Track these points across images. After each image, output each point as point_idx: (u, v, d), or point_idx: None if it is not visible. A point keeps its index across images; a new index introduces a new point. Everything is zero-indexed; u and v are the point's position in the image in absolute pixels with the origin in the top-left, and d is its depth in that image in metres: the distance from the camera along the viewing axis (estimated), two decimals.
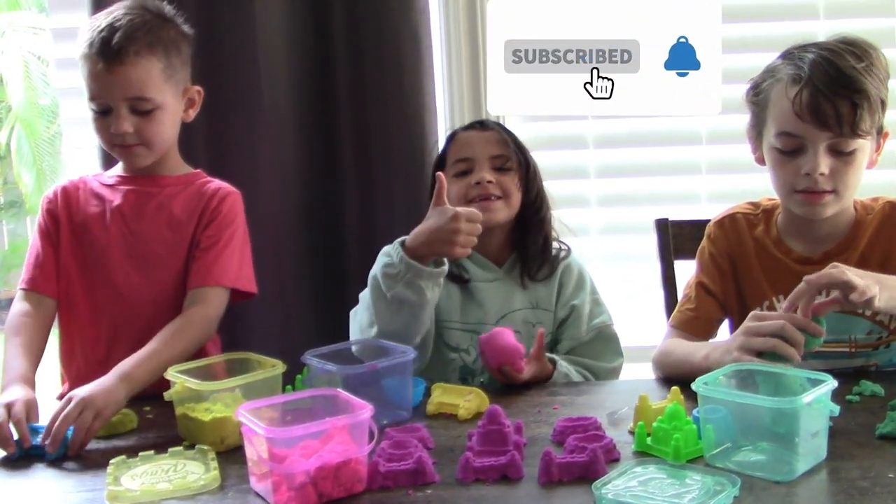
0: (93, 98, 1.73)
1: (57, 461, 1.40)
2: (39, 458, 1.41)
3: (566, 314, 1.88)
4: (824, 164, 1.55)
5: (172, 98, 1.78)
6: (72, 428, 1.41)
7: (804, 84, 1.54)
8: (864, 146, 1.58)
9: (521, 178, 1.90)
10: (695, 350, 1.59)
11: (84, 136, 2.13)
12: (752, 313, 1.48)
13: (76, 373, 1.79)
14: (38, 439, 1.42)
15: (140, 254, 1.77)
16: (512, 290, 1.90)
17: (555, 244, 1.95)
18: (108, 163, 1.96)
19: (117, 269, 1.77)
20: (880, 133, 1.62)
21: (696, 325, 1.73)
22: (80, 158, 2.17)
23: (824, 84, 1.53)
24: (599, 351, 1.85)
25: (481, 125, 1.97)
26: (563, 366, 1.75)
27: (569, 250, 1.96)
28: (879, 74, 1.57)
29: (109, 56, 1.69)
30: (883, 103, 1.57)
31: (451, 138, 1.97)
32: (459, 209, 1.67)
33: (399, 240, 1.72)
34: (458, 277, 1.91)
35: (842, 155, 1.56)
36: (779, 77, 1.61)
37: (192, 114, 1.86)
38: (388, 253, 1.71)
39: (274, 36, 2.14)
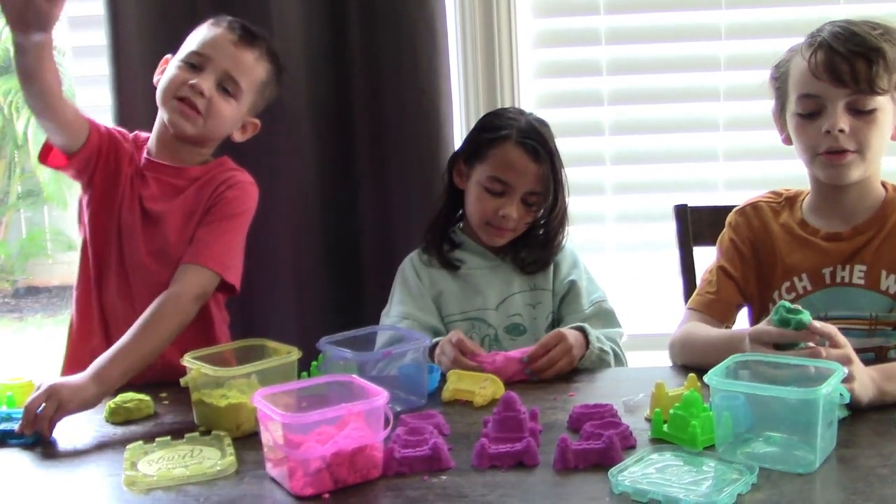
0: (198, 52, 1.76)
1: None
2: (43, 443, 1.43)
3: (566, 290, 1.89)
4: (843, 121, 1.56)
5: (242, 107, 1.81)
6: None
7: (819, 45, 1.58)
8: (884, 106, 1.58)
9: (546, 211, 1.89)
10: (718, 336, 1.60)
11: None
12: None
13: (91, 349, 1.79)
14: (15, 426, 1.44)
15: (154, 237, 1.78)
16: (510, 275, 1.90)
17: None
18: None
19: (132, 249, 1.77)
20: None
21: (716, 308, 1.72)
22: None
23: (839, 43, 1.56)
24: (601, 324, 1.84)
25: (535, 152, 1.82)
26: (592, 331, 1.73)
27: (561, 241, 1.95)
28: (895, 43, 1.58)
29: (246, 36, 1.79)
30: None
31: (500, 143, 1.84)
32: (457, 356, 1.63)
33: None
34: (452, 265, 1.91)
35: (861, 114, 1.57)
36: (796, 50, 1.65)
37: (240, 137, 1.87)
38: None
39: (290, 29, 2.14)
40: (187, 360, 1.48)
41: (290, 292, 2.00)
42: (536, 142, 1.83)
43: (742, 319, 1.79)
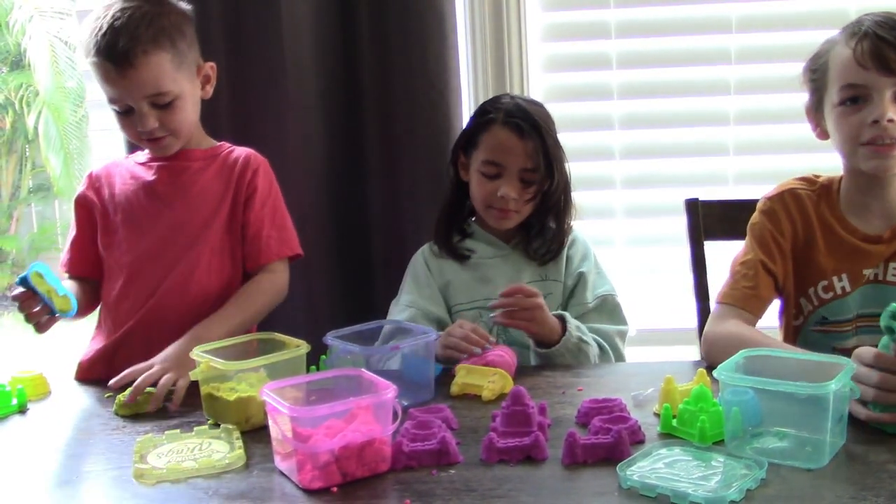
0: (112, 101, 1.76)
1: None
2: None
3: (574, 282, 1.89)
4: (892, 110, 1.52)
5: (188, 83, 1.79)
6: None
7: (863, 35, 1.55)
8: None
9: (545, 186, 1.88)
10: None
11: (110, 118, 2.15)
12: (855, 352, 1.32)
13: (105, 339, 1.84)
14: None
15: (177, 226, 1.81)
16: (520, 264, 1.91)
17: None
18: (134, 144, 1.97)
19: (156, 243, 1.80)
20: None
21: (754, 303, 1.66)
22: (106, 140, 2.18)
23: (886, 31, 1.53)
24: (605, 318, 1.85)
25: (520, 129, 1.84)
26: (572, 320, 1.75)
27: (570, 227, 1.96)
28: None
29: (119, 60, 1.69)
30: None
31: (487, 126, 1.88)
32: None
33: None
34: (461, 255, 1.93)
35: None
36: (836, 41, 1.61)
37: (210, 90, 1.87)
38: None
39: (299, 22, 2.14)
40: (196, 354, 1.48)
41: (299, 285, 2.00)
42: (521, 119, 1.85)
43: (770, 315, 1.74)
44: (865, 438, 1.24)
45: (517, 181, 1.86)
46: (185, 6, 1.84)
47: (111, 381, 1.59)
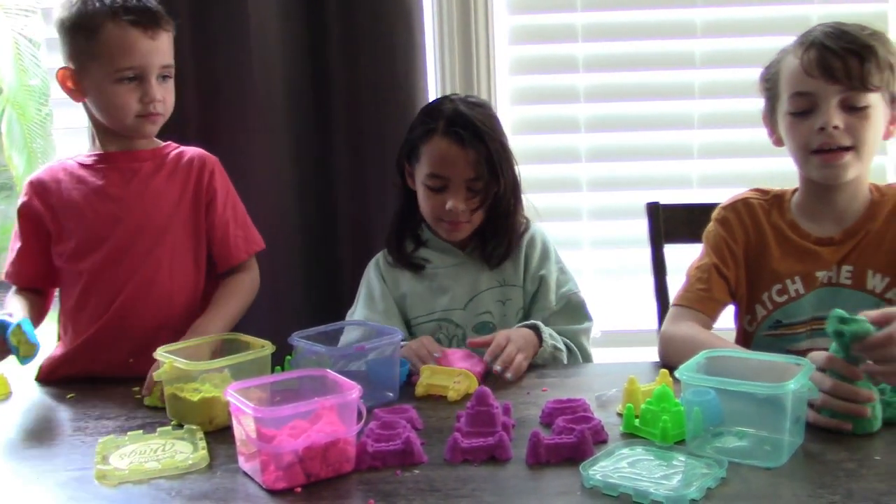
0: (129, 66, 1.73)
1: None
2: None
3: (535, 286, 1.87)
4: (838, 118, 1.57)
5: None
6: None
7: (811, 44, 1.59)
8: (876, 104, 1.59)
9: (493, 193, 1.83)
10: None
11: (74, 116, 2.13)
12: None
13: (69, 345, 1.81)
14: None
15: (134, 229, 1.78)
16: (478, 272, 1.88)
17: None
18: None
19: (115, 248, 1.77)
20: (894, 102, 1.63)
21: (708, 304, 1.70)
22: (70, 139, 2.15)
23: (832, 41, 1.58)
24: (569, 318, 1.84)
25: (460, 139, 1.78)
26: (545, 329, 1.75)
27: (528, 222, 1.93)
28: (886, 44, 1.60)
29: (151, 24, 1.74)
30: (892, 68, 1.59)
31: (428, 137, 1.82)
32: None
33: None
34: (416, 266, 1.90)
35: (855, 110, 1.58)
36: (787, 51, 1.66)
37: None
38: None
39: (266, 23, 2.13)
40: (160, 354, 1.47)
41: (264, 287, 2.00)
42: (462, 128, 1.78)
43: (725, 318, 1.77)
44: (822, 438, 1.26)
45: (463, 192, 1.81)
46: None
47: (143, 390, 1.58)
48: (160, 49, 1.76)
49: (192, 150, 1.89)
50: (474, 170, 1.79)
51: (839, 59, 1.56)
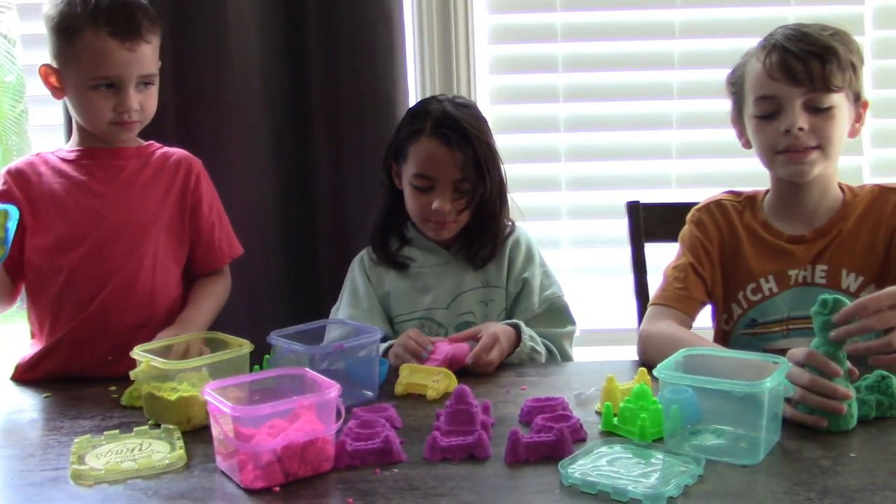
0: (104, 75, 1.71)
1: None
2: None
3: (518, 289, 1.88)
4: (802, 119, 1.59)
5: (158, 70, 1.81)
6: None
7: (773, 47, 1.62)
8: (840, 104, 1.61)
9: (480, 194, 1.84)
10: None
11: (50, 114, 2.11)
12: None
13: (46, 341, 1.79)
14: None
15: (118, 227, 1.77)
16: (461, 273, 1.89)
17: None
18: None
19: (97, 245, 1.75)
20: (858, 101, 1.66)
21: (686, 303, 1.71)
22: (46, 136, 2.13)
23: (792, 44, 1.60)
24: (552, 321, 1.85)
25: (448, 140, 1.79)
26: (526, 329, 1.75)
27: (513, 225, 1.94)
28: (848, 44, 1.62)
29: (129, 34, 1.70)
30: (854, 67, 1.61)
31: (416, 137, 1.83)
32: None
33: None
34: (400, 265, 1.90)
35: (819, 111, 1.60)
36: (751, 54, 1.68)
37: None
38: None
39: (244, 22, 2.11)
40: (137, 353, 1.46)
41: (242, 284, 1.99)
42: (449, 129, 1.80)
43: (703, 318, 1.79)
44: (799, 435, 1.27)
45: (450, 192, 1.81)
46: None
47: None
48: (139, 59, 1.72)
49: (178, 152, 1.88)
50: (461, 171, 1.80)
51: (801, 61, 1.58)
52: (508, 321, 1.77)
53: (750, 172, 1.83)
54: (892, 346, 1.27)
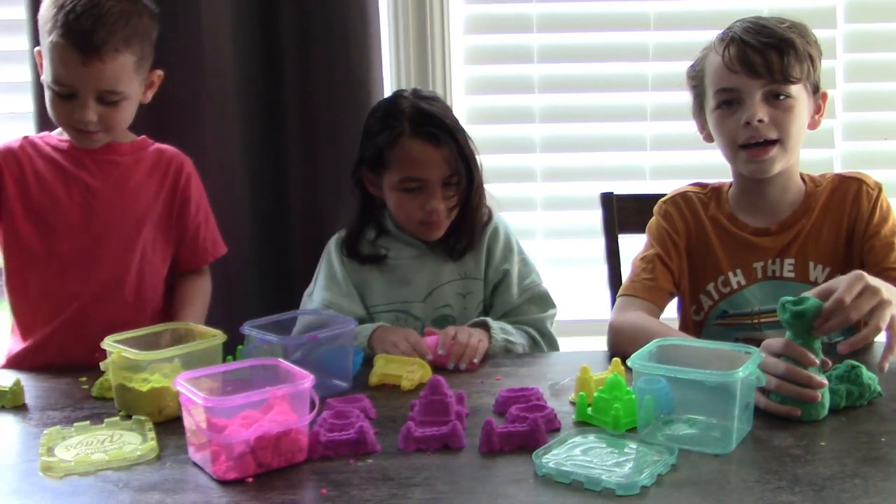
0: (59, 83, 1.67)
1: None
2: None
3: (498, 279, 1.86)
4: (762, 111, 1.60)
5: (138, 86, 1.75)
6: None
7: (731, 40, 1.63)
8: (799, 95, 1.63)
9: (465, 188, 1.82)
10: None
11: (18, 102, 2.08)
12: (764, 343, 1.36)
13: (30, 334, 1.77)
14: None
15: (111, 223, 1.76)
16: (439, 265, 1.86)
17: None
18: (44, 129, 1.91)
19: (89, 238, 1.74)
20: (817, 92, 1.68)
21: (655, 293, 1.72)
22: (13, 125, 2.10)
23: (750, 36, 1.61)
24: (533, 309, 1.85)
25: (434, 138, 1.76)
26: (495, 323, 1.74)
27: (490, 214, 1.91)
28: (805, 35, 1.64)
29: (88, 51, 1.63)
30: (812, 59, 1.63)
31: (395, 141, 1.77)
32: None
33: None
34: (375, 257, 1.87)
35: (778, 103, 1.62)
36: (710, 48, 1.69)
37: (150, 95, 1.82)
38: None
39: (217, 13, 2.09)
40: (107, 344, 1.44)
41: (217, 276, 1.98)
42: (431, 126, 1.76)
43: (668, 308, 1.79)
44: (770, 424, 1.28)
45: (440, 190, 1.78)
46: (154, 8, 1.78)
47: None
48: (96, 76, 1.65)
49: (170, 150, 1.87)
50: (449, 166, 1.77)
51: (759, 53, 1.59)
52: (475, 320, 1.76)
53: (724, 165, 1.83)
54: (879, 327, 1.29)
